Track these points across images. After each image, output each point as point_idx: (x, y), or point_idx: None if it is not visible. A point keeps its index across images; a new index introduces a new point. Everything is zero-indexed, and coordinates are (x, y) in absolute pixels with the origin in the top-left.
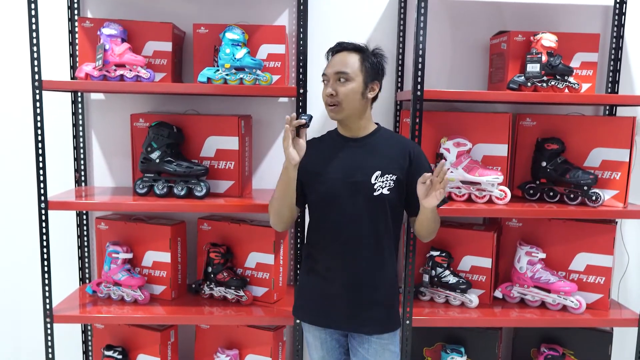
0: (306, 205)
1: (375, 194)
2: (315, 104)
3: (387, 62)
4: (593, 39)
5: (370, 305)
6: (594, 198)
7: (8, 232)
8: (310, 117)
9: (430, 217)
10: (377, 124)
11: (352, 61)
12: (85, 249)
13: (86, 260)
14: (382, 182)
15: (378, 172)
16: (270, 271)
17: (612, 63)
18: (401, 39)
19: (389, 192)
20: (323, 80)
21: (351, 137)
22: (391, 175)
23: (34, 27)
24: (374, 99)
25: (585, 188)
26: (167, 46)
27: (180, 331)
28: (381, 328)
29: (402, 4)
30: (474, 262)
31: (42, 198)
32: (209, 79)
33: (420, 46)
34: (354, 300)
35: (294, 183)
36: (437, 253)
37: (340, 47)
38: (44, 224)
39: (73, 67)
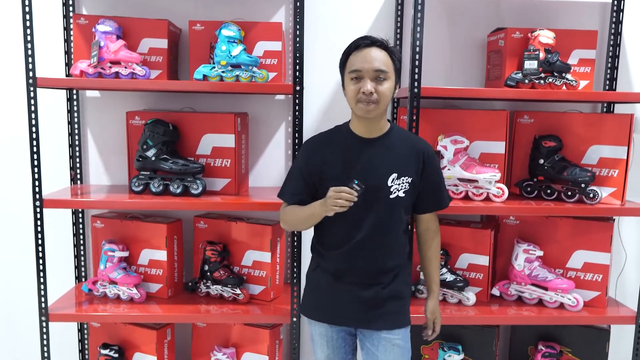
0: None
1: (391, 196)
2: (312, 101)
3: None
4: (591, 36)
5: (381, 303)
6: (591, 195)
7: (3, 231)
8: (364, 188)
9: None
10: (389, 121)
11: (386, 59)
12: (81, 247)
13: (82, 258)
14: (399, 184)
15: (394, 175)
16: (267, 269)
17: (610, 60)
18: (398, 36)
19: (404, 195)
20: (354, 77)
21: (367, 138)
22: (407, 177)
23: (28, 23)
24: None
25: (583, 185)
26: (162, 43)
27: (177, 329)
28: (391, 324)
29: (400, 1)
30: (472, 259)
31: (37, 196)
32: (205, 76)
33: (418, 43)
34: (364, 298)
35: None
36: None
37: (370, 42)
38: (39, 222)
39: (68, 65)
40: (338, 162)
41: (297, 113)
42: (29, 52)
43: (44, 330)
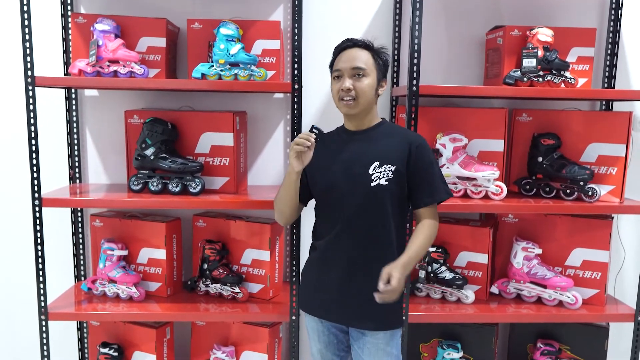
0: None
1: (372, 184)
2: (310, 100)
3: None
4: (589, 34)
5: (361, 299)
6: (590, 193)
7: (2, 230)
8: (321, 132)
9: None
10: (382, 118)
11: (366, 57)
12: (80, 246)
13: (81, 257)
14: (380, 172)
15: (376, 163)
16: (265, 268)
17: (608, 58)
18: (397, 34)
19: (387, 183)
20: (335, 76)
21: (355, 131)
22: (390, 166)
23: (26, 22)
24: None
25: (582, 183)
26: (161, 42)
27: (176, 328)
28: (373, 324)
29: None
30: (470, 257)
31: (36, 195)
32: (203, 74)
33: (416, 41)
34: (346, 292)
35: (296, 186)
36: (433, 249)
37: (352, 43)
38: (38, 221)
39: (66, 63)
40: (327, 154)
41: (295, 112)
42: (28, 51)
43: (44, 329)
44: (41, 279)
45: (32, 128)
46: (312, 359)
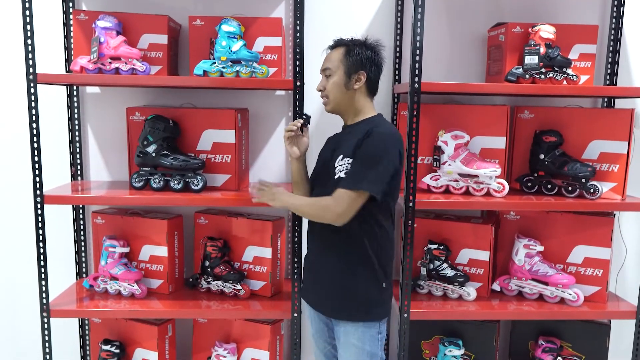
0: None
1: (335, 177)
2: (313, 97)
3: (381, 51)
4: (592, 31)
5: (331, 287)
6: (592, 190)
7: (4, 227)
8: (308, 117)
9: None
10: (378, 114)
11: (335, 56)
12: (82, 244)
13: (83, 254)
14: (342, 165)
15: (341, 156)
16: (267, 265)
17: (610, 55)
18: (399, 32)
19: (345, 176)
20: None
21: (346, 125)
22: (348, 159)
23: (28, 19)
24: (372, 90)
25: (584, 180)
26: (162, 39)
27: (178, 325)
28: (339, 314)
29: None
30: (472, 255)
31: (38, 192)
32: (205, 71)
33: (418, 38)
34: (319, 279)
35: (301, 173)
36: (435, 246)
37: (331, 46)
38: (39, 219)
39: (68, 60)
40: (324, 146)
41: (297, 109)
42: (29, 48)
43: (45, 326)
44: (43, 276)
45: (34, 125)
46: (313, 345)
